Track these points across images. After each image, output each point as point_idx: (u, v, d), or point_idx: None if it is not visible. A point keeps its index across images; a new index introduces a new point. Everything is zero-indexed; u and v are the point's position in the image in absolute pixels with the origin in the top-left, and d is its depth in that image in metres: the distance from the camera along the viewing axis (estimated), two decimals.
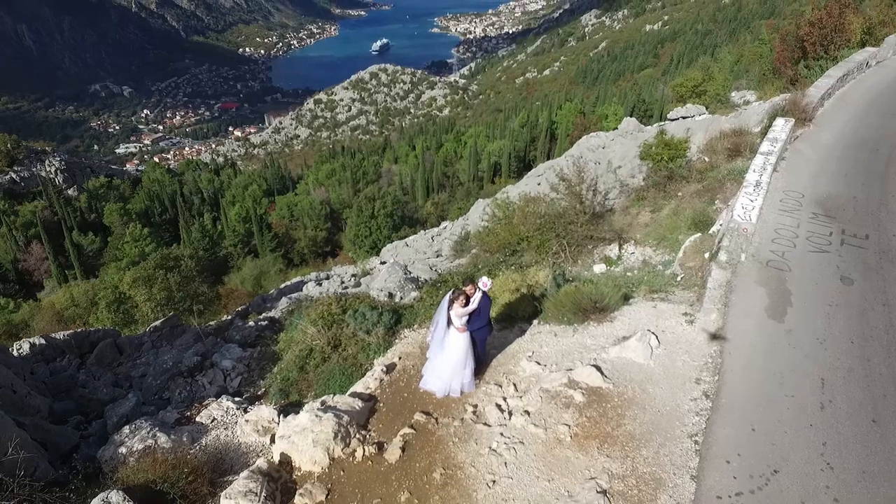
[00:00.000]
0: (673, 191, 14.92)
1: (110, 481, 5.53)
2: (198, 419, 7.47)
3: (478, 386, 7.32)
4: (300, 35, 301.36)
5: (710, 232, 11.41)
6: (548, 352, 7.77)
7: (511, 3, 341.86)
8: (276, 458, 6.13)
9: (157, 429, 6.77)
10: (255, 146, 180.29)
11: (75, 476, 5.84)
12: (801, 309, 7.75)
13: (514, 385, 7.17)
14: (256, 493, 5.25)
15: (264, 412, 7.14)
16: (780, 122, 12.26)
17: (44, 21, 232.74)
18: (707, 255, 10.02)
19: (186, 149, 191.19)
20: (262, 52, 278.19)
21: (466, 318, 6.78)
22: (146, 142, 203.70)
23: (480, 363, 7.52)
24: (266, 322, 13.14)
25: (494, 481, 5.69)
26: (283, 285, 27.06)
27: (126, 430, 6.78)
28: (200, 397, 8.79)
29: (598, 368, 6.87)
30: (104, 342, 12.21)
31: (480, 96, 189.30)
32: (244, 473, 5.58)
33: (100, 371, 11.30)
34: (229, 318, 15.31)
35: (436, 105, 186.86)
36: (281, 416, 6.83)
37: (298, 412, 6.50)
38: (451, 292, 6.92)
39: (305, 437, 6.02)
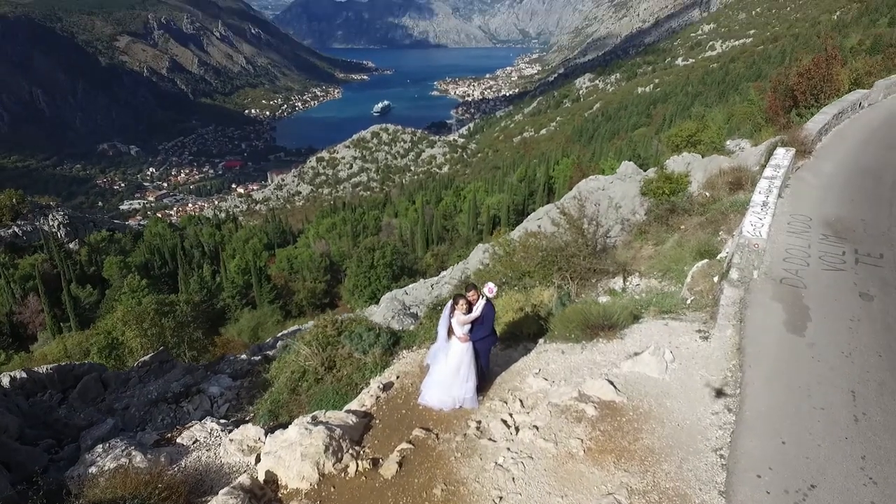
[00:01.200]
0: (675, 224, 14.75)
1: (75, 499, 4.97)
2: (179, 440, 6.90)
3: (481, 402, 6.81)
4: (304, 97, 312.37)
5: (718, 258, 11.15)
6: (555, 368, 7.30)
7: (508, 68, 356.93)
8: (261, 476, 5.56)
9: (132, 448, 6.22)
10: (257, 202, 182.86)
11: (35, 493, 5.25)
12: (822, 323, 7.36)
13: (521, 401, 6.67)
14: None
15: (250, 431, 6.59)
16: (780, 150, 12.25)
17: (58, 85, 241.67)
18: (716, 278, 9.70)
19: (190, 205, 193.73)
20: (268, 113, 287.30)
21: (469, 326, 6.39)
22: (150, 198, 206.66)
23: (484, 378, 7.04)
24: (259, 357, 12.61)
25: (501, 497, 5.13)
26: (279, 334, 26.49)
27: (99, 448, 6.23)
28: (184, 422, 8.21)
29: (611, 382, 6.41)
30: (89, 376, 11.64)
31: (479, 154, 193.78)
32: (224, 490, 5.03)
33: (82, 406, 10.69)
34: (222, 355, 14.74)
35: (435, 163, 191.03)
36: (268, 434, 6.30)
37: (287, 428, 5.98)
38: (452, 299, 6.55)
39: (293, 452, 5.48)
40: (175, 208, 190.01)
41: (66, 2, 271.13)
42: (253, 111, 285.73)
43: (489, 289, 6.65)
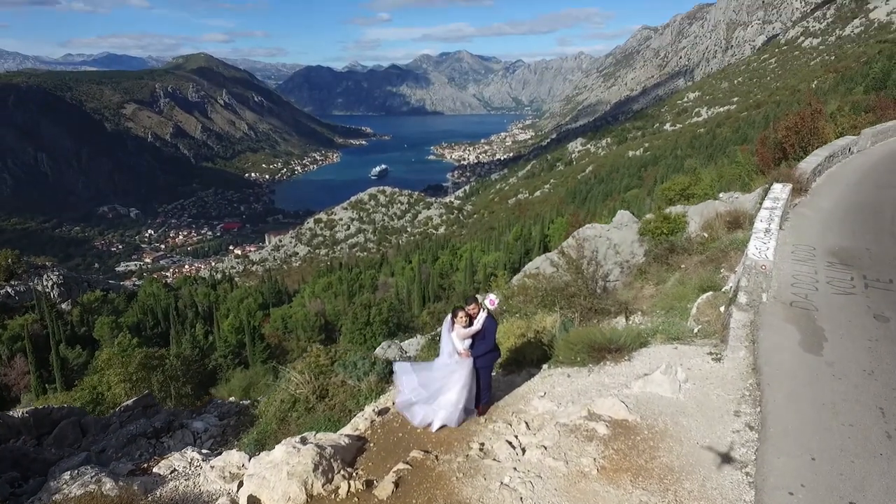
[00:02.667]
0: (676, 263, 14.58)
1: None
2: (155, 470, 6.34)
3: (485, 423, 6.34)
4: (304, 161, 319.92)
5: (723, 290, 10.90)
6: (562, 391, 6.88)
7: (502, 133, 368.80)
8: (243, 502, 5.03)
9: (102, 474, 5.68)
10: (253, 263, 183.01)
11: None
12: (839, 343, 7.04)
13: (526, 423, 6.22)
14: None
15: (233, 457, 6.06)
16: (777, 185, 12.29)
17: (63, 150, 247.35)
18: (723, 307, 9.43)
19: (186, 266, 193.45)
20: (267, 176, 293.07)
21: (469, 341, 6.03)
22: (147, 260, 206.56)
23: (486, 397, 6.59)
24: (249, 401, 12.00)
25: None
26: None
27: (66, 475, 5.68)
28: (163, 454, 7.59)
29: (622, 402, 5.99)
30: (66, 421, 10.98)
31: (475, 216, 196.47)
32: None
33: (58, 452, 10.01)
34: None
35: (432, 224, 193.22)
36: (252, 458, 5.77)
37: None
38: (451, 312, 6.23)
39: (279, 472, 4.99)
40: (171, 270, 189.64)
41: (77, 73, 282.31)
42: (253, 175, 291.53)
43: (490, 301, 6.34)
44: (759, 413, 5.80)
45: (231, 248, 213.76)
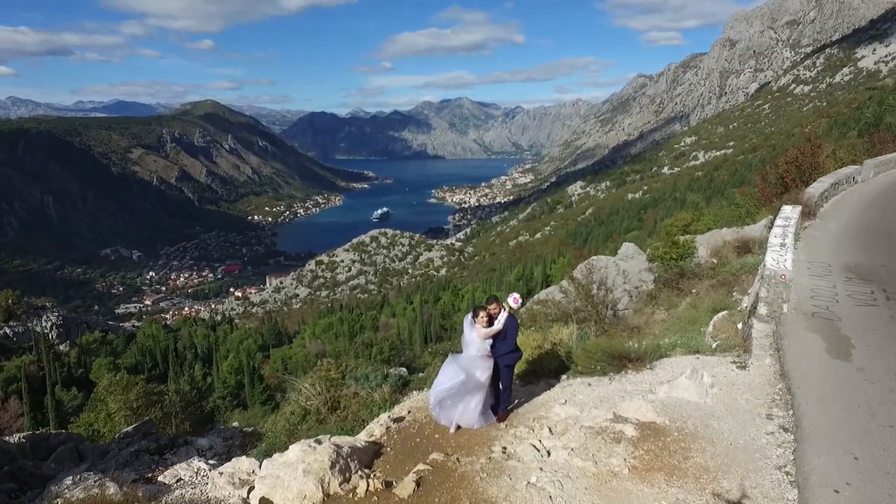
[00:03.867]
0: (686, 288, 14.43)
1: None
2: (160, 479, 6.03)
3: (506, 428, 6.07)
4: (306, 204, 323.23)
5: (739, 309, 10.72)
6: (584, 399, 6.64)
7: (502, 177, 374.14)
8: None
9: (106, 479, 5.40)
10: (254, 305, 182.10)
11: None
12: (867, 350, 6.85)
13: (549, 428, 5.96)
14: None
15: (243, 463, 5.76)
16: (787, 207, 12.28)
17: (69, 193, 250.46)
18: (740, 324, 9.24)
19: (186, 309, 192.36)
20: (270, 219, 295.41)
21: (490, 342, 5.86)
22: (147, 302, 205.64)
23: (507, 400, 6.34)
24: (251, 429, 11.63)
25: None
26: None
27: (68, 480, 5.39)
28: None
29: (649, 403, 5.76)
30: (64, 447, 10.59)
31: (476, 258, 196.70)
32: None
33: (58, 467, 9.58)
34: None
35: (433, 266, 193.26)
36: (264, 462, 5.48)
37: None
38: (471, 311, 6.07)
39: (294, 470, 4.73)
40: (171, 312, 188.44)
41: (87, 119, 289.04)
42: (255, 217, 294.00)
43: (514, 299, 6.19)
44: (791, 416, 5.58)
45: (232, 290, 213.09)
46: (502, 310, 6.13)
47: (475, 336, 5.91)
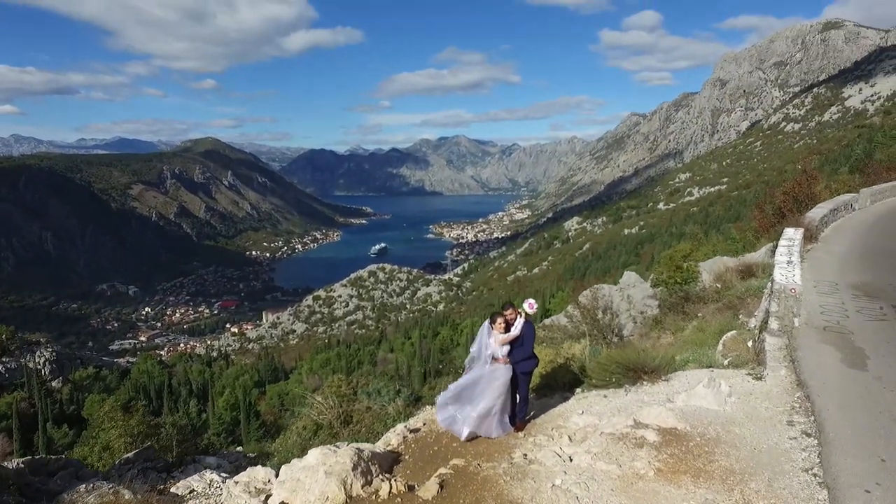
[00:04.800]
0: (692, 312, 14.45)
1: None
2: (172, 490, 5.90)
3: (524, 437, 6.01)
4: (304, 240, 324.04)
5: (748, 329, 10.73)
6: (601, 409, 6.61)
7: (499, 213, 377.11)
8: None
9: (121, 488, 5.28)
10: (250, 341, 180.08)
11: None
12: (883, 360, 6.87)
13: (569, 437, 5.91)
14: None
15: (259, 472, 5.65)
16: (789, 230, 12.44)
17: (68, 229, 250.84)
18: (751, 343, 9.24)
19: (182, 345, 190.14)
20: (268, 254, 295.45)
21: (507, 348, 5.86)
22: (142, 339, 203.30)
23: (524, 409, 6.28)
24: (255, 454, 11.40)
25: None
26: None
27: (81, 488, 5.29)
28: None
29: (669, 410, 5.73)
30: (64, 472, 10.35)
31: (474, 292, 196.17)
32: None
33: (63, 484, 9.33)
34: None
35: (431, 301, 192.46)
36: (281, 468, 5.38)
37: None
38: (489, 318, 6.09)
39: (315, 473, 4.66)
40: (166, 348, 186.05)
41: (89, 156, 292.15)
42: (253, 253, 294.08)
43: (529, 305, 6.22)
44: (813, 422, 5.57)
45: (228, 326, 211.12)
46: (518, 315, 6.16)
47: (492, 342, 5.92)
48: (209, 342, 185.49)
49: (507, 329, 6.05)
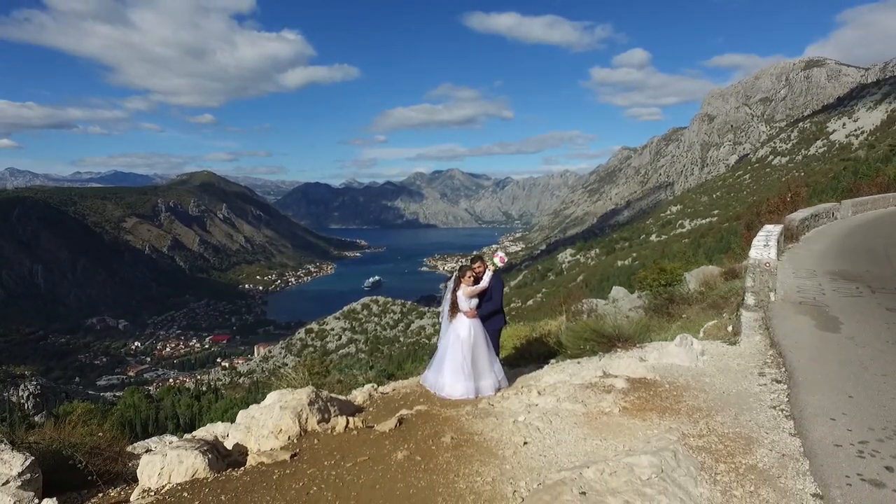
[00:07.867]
0: (676, 313, 14.36)
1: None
2: (128, 449, 5.67)
3: (493, 394, 5.86)
4: (298, 273, 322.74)
5: (727, 318, 10.68)
6: (573, 371, 6.46)
7: (493, 245, 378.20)
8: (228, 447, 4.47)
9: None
10: (241, 374, 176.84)
11: None
12: (856, 325, 6.84)
13: (538, 391, 5.76)
14: (190, 449, 3.67)
15: (218, 427, 5.47)
16: (769, 226, 12.50)
17: (60, 262, 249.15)
18: (730, 328, 9.19)
19: (171, 380, 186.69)
20: (261, 287, 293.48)
21: (476, 301, 5.78)
22: (130, 374, 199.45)
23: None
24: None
25: (526, 442, 4.15)
26: None
27: None
28: None
29: (641, 359, 5.64)
30: None
31: None
32: (176, 441, 4.02)
33: None
34: None
35: (425, 333, 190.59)
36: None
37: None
38: (457, 271, 6.02)
39: (270, 410, 4.50)
40: (155, 383, 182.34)
41: (83, 189, 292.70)
42: (247, 286, 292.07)
43: (500, 258, 6.16)
44: (784, 372, 5.49)
45: (219, 360, 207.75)
46: (487, 269, 6.10)
47: (461, 294, 5.85)
48: (199, 376, 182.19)
49: (477, 282, 5.99)
